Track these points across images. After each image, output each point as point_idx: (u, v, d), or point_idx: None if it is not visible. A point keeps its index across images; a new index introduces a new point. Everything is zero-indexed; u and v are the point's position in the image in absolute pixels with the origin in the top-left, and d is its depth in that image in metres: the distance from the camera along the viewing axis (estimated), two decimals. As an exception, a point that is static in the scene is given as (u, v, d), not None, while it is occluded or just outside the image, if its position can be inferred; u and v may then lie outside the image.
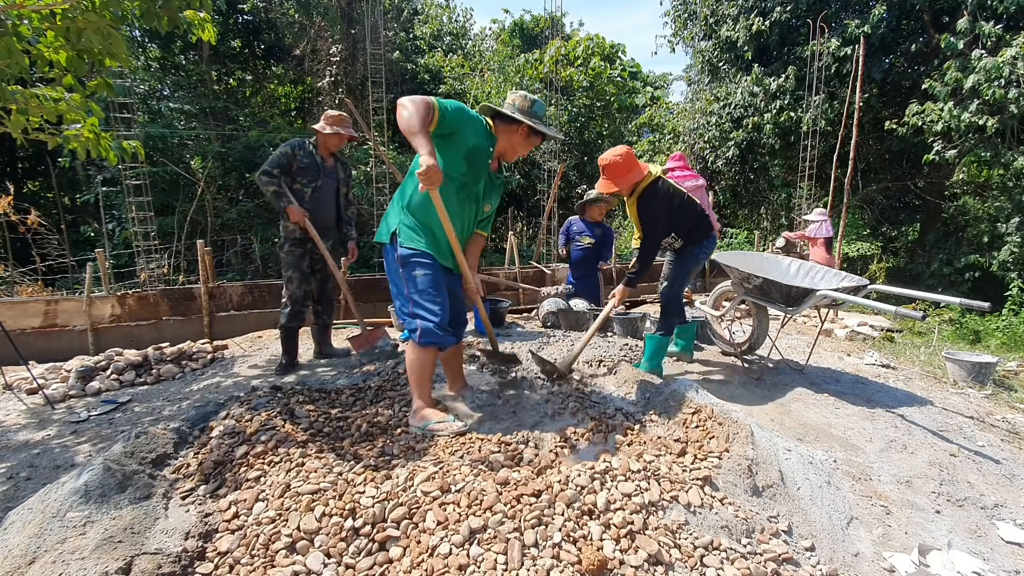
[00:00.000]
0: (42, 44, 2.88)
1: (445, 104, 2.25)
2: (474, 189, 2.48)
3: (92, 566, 1.54)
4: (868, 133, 10.92)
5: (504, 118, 2.47)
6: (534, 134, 2.51)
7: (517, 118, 2.43)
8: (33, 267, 7.21)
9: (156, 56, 11.67)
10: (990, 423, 3.27)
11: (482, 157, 2.44)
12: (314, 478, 1.95)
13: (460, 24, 18.75)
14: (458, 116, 2.29)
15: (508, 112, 2.44)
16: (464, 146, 2.35)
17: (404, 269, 2.39)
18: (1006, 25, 8.43)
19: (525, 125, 2.45)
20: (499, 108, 2.47)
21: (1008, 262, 9.04)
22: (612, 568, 1.56)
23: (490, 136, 2.45)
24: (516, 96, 2.48)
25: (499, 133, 2.48)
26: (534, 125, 2.44)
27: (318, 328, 4.05)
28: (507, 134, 2.49)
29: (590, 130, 14.20)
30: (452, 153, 2.34)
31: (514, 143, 2.51)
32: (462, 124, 2.31)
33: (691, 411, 2.60)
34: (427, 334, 2.38)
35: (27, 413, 3.40)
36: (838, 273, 3.86)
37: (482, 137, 2.41)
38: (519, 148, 2.55)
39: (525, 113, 2.45)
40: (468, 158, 2.38)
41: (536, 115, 2.48)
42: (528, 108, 2.46)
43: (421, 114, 2.12)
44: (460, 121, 2.29)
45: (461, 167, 2.37)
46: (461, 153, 2.35)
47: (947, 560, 1.94)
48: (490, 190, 2.59)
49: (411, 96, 2.18)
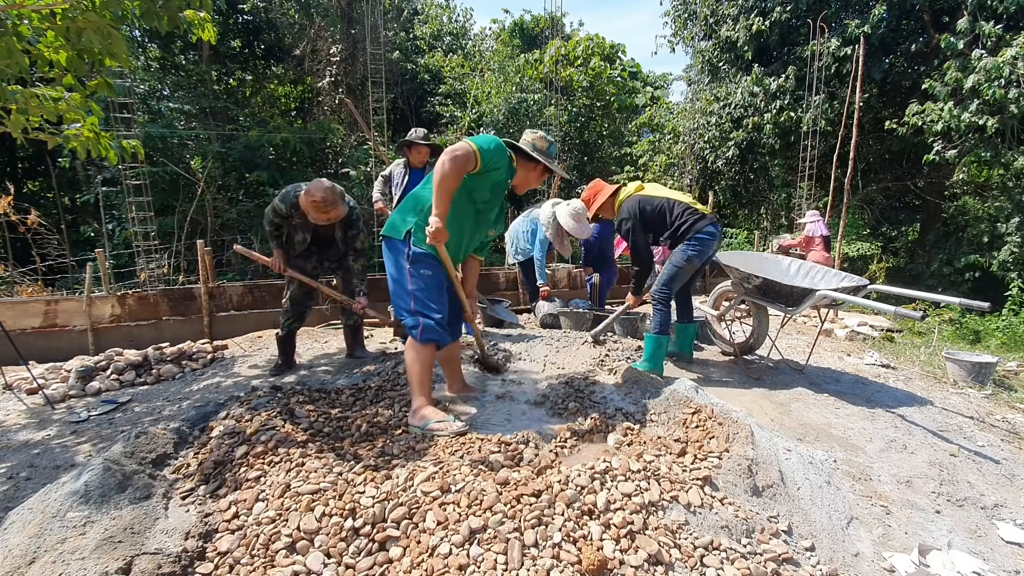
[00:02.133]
0: (42, 44, 2.88)
1: (483, 147, 2.40)
2: (489, 215, 2.71)
3: (92, 566, 1.54)
4: (868, 133, 10.92)
5: (524, 155, 2.65)
6: (546, 172, 2.74)
7: (537, 158, 2.63)
8: (33, 267, 7.21)
9: (156, 56, 11.67)
10: (990, 423, 3.27)
11: (503, 188, 2.66)
12: (314, 478, 1.95)
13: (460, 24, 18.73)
14: (495, 157, 2.47)
15: (528, 151, 2.63)
16: (493, 180, 2.54)
17: (413, 266, 2.46)
18: (1006, 25, 8.42)
19: (542, 165, 2.66)
20: (521, 146, 2.65)
21: (1008, 262, 9.04)
22: (612, 568, 1.56)
23: (512, 169, 2.63)
24: (536, 136, 2.67)
25: (519, 167, 2.67)
26: (549, 166, 2.66)
27: (349, 330, 3.97)
28: (525, 170, 2.69)
29: (590, 130, 14.20)
30: (481, 184, 2.52)
31: (529, 179, 2.73)
32: (497, 163, 2.49)
33: (691, 411, 2.60)
34: (428, 331, 2.44)
35: (27, 413, 3.40)
36: (838, 273, 3.86)
37: (508, 171, 2.60)
38: (531, 182, 2.77)
39: (543, 154, 2.65)
40: (493, 189, 2.58)
41: (550, 155, 2.69)
42: (546, 149, 2.68)
43: (458, 175, 2.32)
44: (496, 161, 2.47)
45: (485, 196, 2.57)
46: (488, 185, 2.54)
47: (947, 560, 1.94)
48: (499, 216, 2.80)
49: (456, 150, 2.32)
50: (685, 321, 4.01)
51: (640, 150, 14.40)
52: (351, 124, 12.32)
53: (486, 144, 2.42)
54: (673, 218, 3.55)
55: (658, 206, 3.60)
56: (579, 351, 3.71)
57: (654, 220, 3.61)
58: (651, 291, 3.65)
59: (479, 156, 2.37)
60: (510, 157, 2.59)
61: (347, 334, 4.00)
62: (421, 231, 2.43)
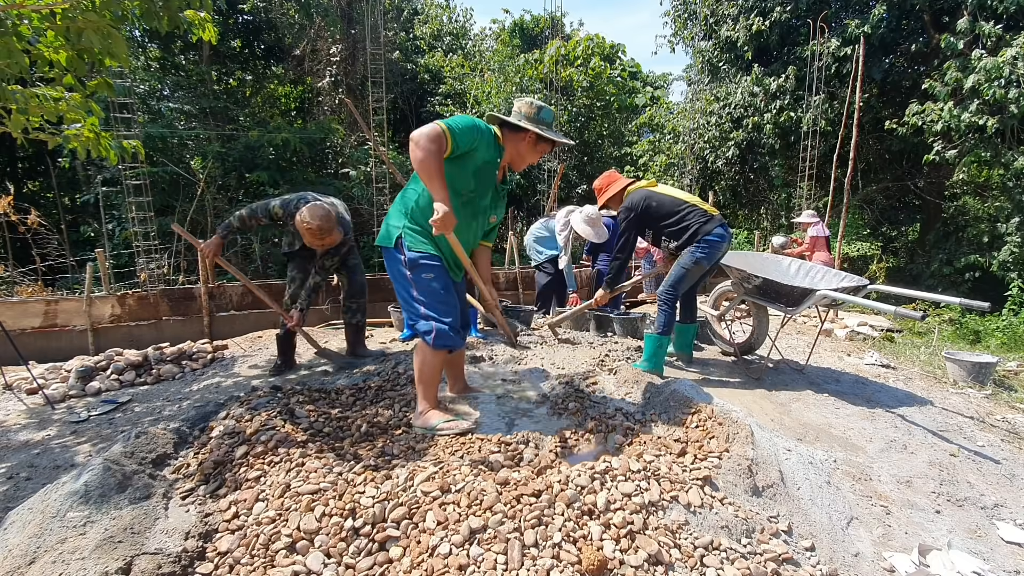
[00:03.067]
0: (42, 44, 2.88)
1: (454, 126, 2.19)
2: (480, 203, 2.44)
3: (92, 566, 1.54)
4: (868, 133, 10.92)
5: (510, 126, 2.41)
6: (542, 141, 2.43)
7: (523, 126, 2.37)
8: (33, 267, 7.21)
9: (156, 56, 11.67)
10: (990, 423, 3.27)
11: (491, 171, 2.40)
12: (314, 478, 1.95)
13: (460, 24, 18.74)
14: (469, 136, 2.23)
15: (514, 120, 2.38)
16: (475, 163, 2.31)
17: (413, 272, 2.34)
18: (1006, 25, 8.43)
19: (532, 132, 2.39)
20: (505, 117, 2.41)
21: (1008, 262, 9.04)
22: (612, 568, 1.56)
23: (498, 147, 2.40)
24: (522, 103, 2.41)
25: (506, 142, 2.43)
26: (541, 132, 2.37)
27: (351, 329, 3.93)
28: (514, 143, 2.43)
29: (590, 130, 14.20)
30: (462, 171, 2.29)
31: (521, 151, 2.46)
32: (474, 143, 2.26)
33: (691, 411, 2.59)
34: (442, 336, 2.33)
35: (27, 413, 3.40)
36: (838, 273, 3.86)
37: (492, 151, 2.36)
38: (527, 156, 2.48)
39: (532, 120, 2.39)
40: (477, 174, 2.34)
41: (543, 121, 2.41)
42: (535, 115, 2.40)
43: (434, 154, 2.08)
44: (472, 140, 2.25)
45: (470, 184, 2.33)
46: (471, 170, 2.31)
47: (947, 560, 1.94)
48: (496, 201, 2.54)
49: (421, 131, 2.12)
50: (687, 322, 4.01)
51: (640, 150, 14.40)
52: (351, 124, 12.33)
53: (456, 123, 2.20)
54: (682, 219, 3.51)
55: (666, 205, 3.56)
56: (579, 351, 3.71)
57: (658, 217, 3.57)
58: (658, 292, 3.66)
59: (448, 134, 2.14)
60: (493, 134, 2.37)
61: (348, 333, 3.98)
62: (411, 234, 2.34)
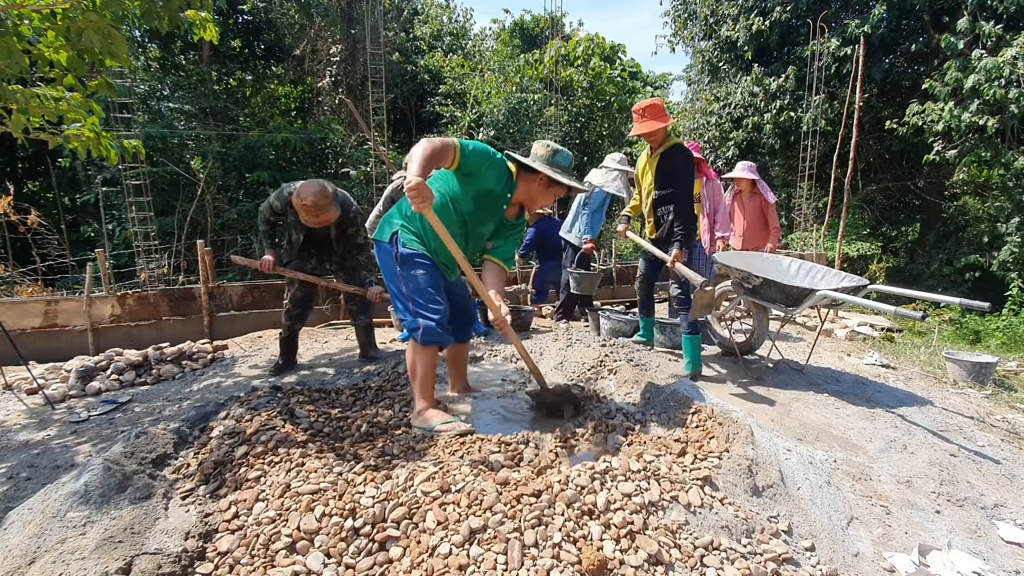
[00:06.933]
0: (42, 44, 2.89)
1: (467, 145, 2.25)
2: (477, 228, 2.46)
3: (92, 566, 1.53)
4: (868, 133, 10.92)
5: (524, 167, 2.43)
6: (554, 184, 2.44)
7: (535, 167, 2.39)
8: (33, 267, 7.21)
9: (156, 56, 11.66)
10: (990, 423, 3.27)
11: (495, 203, 2.41)
12: (314, 478, 1.95)
13: (460, 24, 18.73)
14: (478, 159, 2.28)
15: (528, 161, 2.40)
16: (477, 188, 2.34)
17: (403, 268, 2.39)
18: (1006, 25, 8.42)
19: (544, 175, 2.40)
20: (520, 157, 2.43)
21: (1008, 262, 9.04)
22: (612, 568, 1.56)
23: (509, 183, 2.42)
24: (539, 145, 2.45)
25: (520, 181, 2.45)
26: (552, 175, 2.38)
27: (362, 331, 3.91)
28: (527, 183, 2.45)
29: (590, 130, 14.19)
30: (463, 190, 2.35)
31: (533, 193, 2.47)
32: (480, 167, 2.30)
33: (691, 411, 2.60)
34: (429, 333, 2.37)
35: (27, 413, 3.40)
36: (838, 273, 3.86)
37: (500, 182, 2.38)
38: (538, 198, 2.50)
39: (546, 162, 2.40)
40: (477, 200, 2.36)
41: (558, 165, 2.41)
42: (550, 157, 2.41)
43: (432, 150, 2.13)
44: (479, 164, 2.29)
45: (468, 205, 2.37)
46: (471, 193, 2.35)
47: (947, 560, 1.94)
48: (501, 233, 2.55)
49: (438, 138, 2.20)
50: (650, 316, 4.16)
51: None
52: (351, 124, 12.32)
53: (470, 144, 2.27)
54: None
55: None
56: (579, 351, 3.71)
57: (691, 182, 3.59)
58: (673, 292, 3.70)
59: (458, 151, 2.21)
60: (505, 168, 2.41)
61: (359, 335, 3.93)
62: (406, 232, 2.40)
